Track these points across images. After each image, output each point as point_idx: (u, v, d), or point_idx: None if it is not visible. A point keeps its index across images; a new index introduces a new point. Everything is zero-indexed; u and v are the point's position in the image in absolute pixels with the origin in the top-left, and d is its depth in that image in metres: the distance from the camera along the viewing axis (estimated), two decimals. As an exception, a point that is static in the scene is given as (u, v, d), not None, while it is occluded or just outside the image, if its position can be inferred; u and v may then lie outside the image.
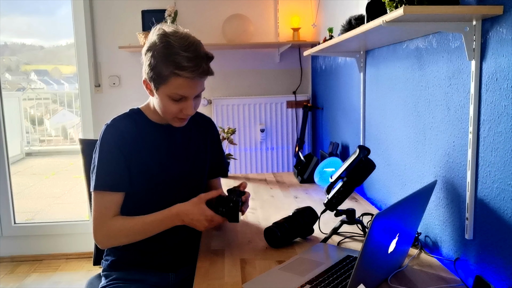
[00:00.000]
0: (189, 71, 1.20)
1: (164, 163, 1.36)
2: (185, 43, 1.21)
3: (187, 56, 1.19)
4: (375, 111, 1.79)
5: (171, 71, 1.20)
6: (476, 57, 1.06)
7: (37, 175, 6.23)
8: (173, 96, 1.25)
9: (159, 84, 1.24)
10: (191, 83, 1.23)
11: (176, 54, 1.19)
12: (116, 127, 1.32)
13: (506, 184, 0.99)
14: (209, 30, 3.06)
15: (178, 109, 1.28)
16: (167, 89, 1.24)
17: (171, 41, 1.21)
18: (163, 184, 1.36)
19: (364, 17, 1.46)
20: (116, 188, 1.28)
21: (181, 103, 1.27)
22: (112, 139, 1.29)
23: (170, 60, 1.20)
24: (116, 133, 1.30)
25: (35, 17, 9.80)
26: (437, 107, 1.27)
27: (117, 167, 1.28)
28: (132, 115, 1.37)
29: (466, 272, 1.15)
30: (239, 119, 3.09)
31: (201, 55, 1.22)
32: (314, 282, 1.06)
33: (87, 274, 2.86)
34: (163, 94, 1.26)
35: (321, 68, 2.80)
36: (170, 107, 1.27)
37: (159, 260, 1.39)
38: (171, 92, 1.24)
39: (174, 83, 1.22)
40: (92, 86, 3.08)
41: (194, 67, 1.20)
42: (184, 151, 1.41)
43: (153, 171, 1.33)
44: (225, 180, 2.20)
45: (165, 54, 1.20)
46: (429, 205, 1.32)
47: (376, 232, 0.88)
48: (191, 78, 1.22)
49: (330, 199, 1.41)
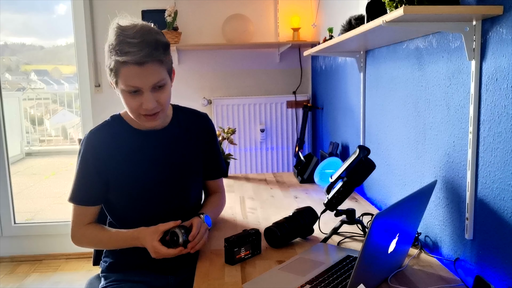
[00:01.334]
0: (131, 55, 1.13)
1: (144, 169, 1.33)
2: (133, 30, 1.16)
3: (131, 42, 1.14)
4: (375, 111, 1.79)
5: (117, 61, 1.15)
6: (476, 57, 1.06)
7: (37, 175, 6.23)
8: (127, 88, 1.18)
9: (115, 79, 1.20)
10: (139, 70, 1.15)
11: (121, 43, 1.15)
12: (90, 139, 1.31)
13: (506, 184, 0.99)
14: (209, 30, 3.06)
15: (138, 104, 1.21)
16: (121, 82, 1.18)
17: (120, 32, 1.16)
18: (143, 190, 1.33)
19: (364, 17, 1.46)
20: (87, 203, 1.33)
21: (138, 97, 1.20)
22: (87, 153, 1.30)
23: (116, 50, 1.15)
24: (91, 147, 1.30)
25: (32, 15, 9.79)
26: (437, 107, 1.27)
27: (90, 183, 1.31)
28: (112, 123, 1.35)
29: (466, 272, 1.15)
30: (239, 119, 3.09)
31: (149, 40, 1.16)
32: (314, 282, 1.06)
33: (87, 274, 2.85)
34: (120, 90, 1.21)
35: (321, 68, 2.80)
36: (129, 102, 1.21)
37: (158, 262, 1.36)
38: (125, 84, 1.18)
39: (124, 73, 1.16)
40: (92, 86, 3.08)
41: (137, 51, 1.13)
42: (166, 155, 1.35)
43: (133, 178, 1.32)
44: (225, 180, 2.20)
45: (111, 46, 1.17)
46: (429, 205, 1.32)
47: (376, 232, 0.88)
48: (136, 64, 1.14)
49: (330, 199, 1.41)
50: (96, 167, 1.29)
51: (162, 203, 1.36)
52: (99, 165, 1.29)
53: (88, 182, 1.31)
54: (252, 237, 1.24)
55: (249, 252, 1.23)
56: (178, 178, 1.38)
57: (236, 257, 1.20)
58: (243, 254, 1.21)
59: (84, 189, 1.32)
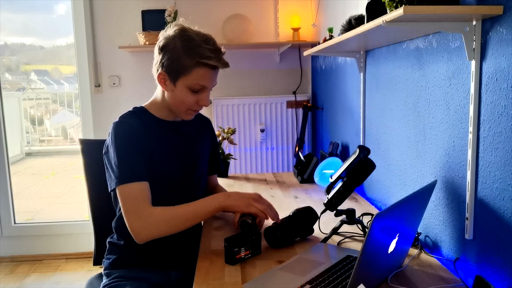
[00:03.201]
0: (214, 61, 1.28)
1: (170, 158, 1.38)
2: (204, 37, 1.31)
3: (209, 48, 1.28)
4: (375, 111, 1.79)
5: (197, 61, 1.27)
6: (476, 57, 1.06)
7: (37, 175, 6.23)
8: (193, 86, 1.30)
9: (180, 76, 1.29)
10: (213, 73, 1.32)
11: (199, 46, 1.27)
12: (126, 122, 1.33)
13: (506, 184, 0.99)
14: (209, 30, 2.99)
15: (195, 101, 1.33)
16: (189, 79, 1.29)
17: (191, 35, 1.29)
18: (169, 178, 1.38)
19: (364, 17, 1.46)
20: (142, 177, 1.27)
21: (198, 95, 1.33)
22: (126, 133, 1.30)
23: (194, 52, 1.27)
24: (128, 128, 1.32)
25: (32, 15, 9.78)
26: (437, 107, 1.27)
27: (138, 158, 1.29)
28: (137, 113, 1.39)
29: (466, 272, 1.15)
30: (239, 119, 3.09)
31: (219, 48, 1.32)
32: (314, 282, 1.06)
33: (87, 274, 2.86)
34: (183, 86, 1.30)
35: (321, 68, 2.80)
36: (188, 98, 1.32)
37: (161, 258, 1.39)
38: (192, 82, 1.29)
39: (197, 73, 1.28)
40: (92, 86, 3.08)
41: (217, 58, 1.29)
42: (189, 147, 1.44)
43: (159, 165, 1.35)
44: (225, 180, 2.20)
45: (188, 46, 1.27)
46: (429, 205, 1.32)
47: (376, 232, 0.88)
48: (214, 68, 1.31)
49: (330, 199, 1.41)
50: (138, 145, 1.30)
51: (183, 193, 1.40)
52: (138, 143, 1.31)
53: (136, 157, 1.29)
54: (252, 237, 1.24)
55: (249, 252, 1.23)
56: (197, 168, 1.47)
57: (236, 257, 1.20)
58: (243, 254, 1.21)
59: (134, 165, 1.28)
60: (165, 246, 1.38)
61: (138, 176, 1.27)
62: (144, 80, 3.03)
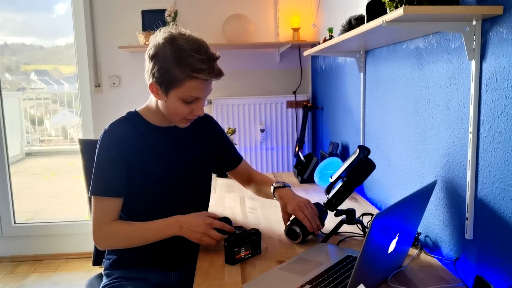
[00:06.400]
0: (205, 73, 1.21)
1: (165, 165, 1.35)
2: (195, 45, 1.21)
3: (200, 58, 1.20)
4: (375, 111, 1.79)
5: (188, 74, 1.20)
6: (476, 57, 1.06)
7: (37, 175, 6.23)
8: (186, 98, 1.25)
9: (171, 88, 1.24)
10: (205, 84, 1.25)
11: (189, 57, 1.20)
12: (113, 132, 1.31)
13: (506, 184, 0.99)
14: (209, 30, 3.06)
15: (189, 111, 1.28)
16: (181, 92, 1.23)
17: (181, 44, 1.21)
18: (165, 186, 1.36)
19: (364, 17, 1.46)
20: (111, 194, 1.29)
21: (192, 105, 1.27)
22: (110, 144, 1.29)
23: (185, 63, 1.20)
24: (114, 138, 1.30)
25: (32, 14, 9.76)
26: (437, 107, 1.27)
27: (114, 173, 1.28)
28: (130, 118, 1.36)
29: (466, 272, 1.15)
30: (239, 119, 3.09)
31: (212, 56, 1.23)
32: (314, 282, 1.06)
33: (87, 274, 2.86)
34: (175, 97, 1.25)
35: (321, 68, 2.80)
36: (181, 109, 1.27)
37: (161, 258, 1.39)
38: (184, 94, 1.24)
39: (189, 85, 1.22)
40: (92, 86, 3.08)
41: (209, 69, 1.21)
42: (184, 152, 1.40)
43: (154, 174, 1.33)
44: (225, 180, 2.20)
45: (178, 58, 1.20)
46: (429, 205, 1.32)
47: (376, 232, 0.88)
48: (206, 80, 1.24)
49: (330, 199, 1.41)
50: (121, 157, 1.29)
51: (181, 198, 1.38)
52: (123, 155, 1.29)
53: (113, 171, 1.28)
54: (252, 237, 1.24)
55: (249, 252, 1.23)
56: (194, 172, 1.42)
57: (236, 257, 1.20)
58: (243, 254, 1.22)
59: (109, 179, 1.28)
60: (166, 246, 1.37)
61: (111, 191, 1.28)
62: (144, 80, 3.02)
